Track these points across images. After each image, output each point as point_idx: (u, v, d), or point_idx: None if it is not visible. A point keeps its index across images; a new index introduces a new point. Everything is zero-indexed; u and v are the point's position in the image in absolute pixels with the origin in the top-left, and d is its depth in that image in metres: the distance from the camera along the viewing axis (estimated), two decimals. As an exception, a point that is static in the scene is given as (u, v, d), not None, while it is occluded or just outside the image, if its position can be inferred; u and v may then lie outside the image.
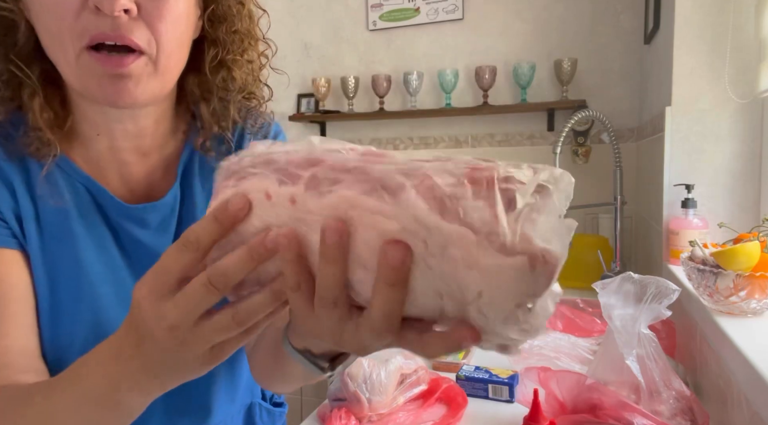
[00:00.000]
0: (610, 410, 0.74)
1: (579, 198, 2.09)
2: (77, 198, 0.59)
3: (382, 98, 2.34)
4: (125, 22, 0.52)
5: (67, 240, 0.58)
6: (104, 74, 0.53)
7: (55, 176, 0.59)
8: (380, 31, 2.42)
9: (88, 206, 0.60)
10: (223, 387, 0.69)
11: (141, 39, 0.53)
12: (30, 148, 0.57)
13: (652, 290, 0.80)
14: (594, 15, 2.14)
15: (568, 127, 1.61)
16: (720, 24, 1.29)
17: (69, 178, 0.59)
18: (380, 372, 0.84)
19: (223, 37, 0.63)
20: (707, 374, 0.94)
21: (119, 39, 0.52)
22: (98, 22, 0.51)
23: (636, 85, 2.10)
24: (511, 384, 0.92)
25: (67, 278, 0.58)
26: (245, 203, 0.35)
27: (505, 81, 2.25)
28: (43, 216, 0.58)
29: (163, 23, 0.54)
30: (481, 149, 2.33)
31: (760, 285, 0.81)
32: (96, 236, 0.60)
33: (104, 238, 0.60)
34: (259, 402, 0.76)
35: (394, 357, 0.89)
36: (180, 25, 0.56)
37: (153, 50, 0.54)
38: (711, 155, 1.33)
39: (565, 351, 1.04)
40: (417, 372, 0.96)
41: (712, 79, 1.31)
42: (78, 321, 0.58)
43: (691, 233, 1.25)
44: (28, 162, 0.58)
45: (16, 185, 0.57)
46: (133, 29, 0.52)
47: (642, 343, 0.81)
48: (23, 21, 0.54)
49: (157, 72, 0.55)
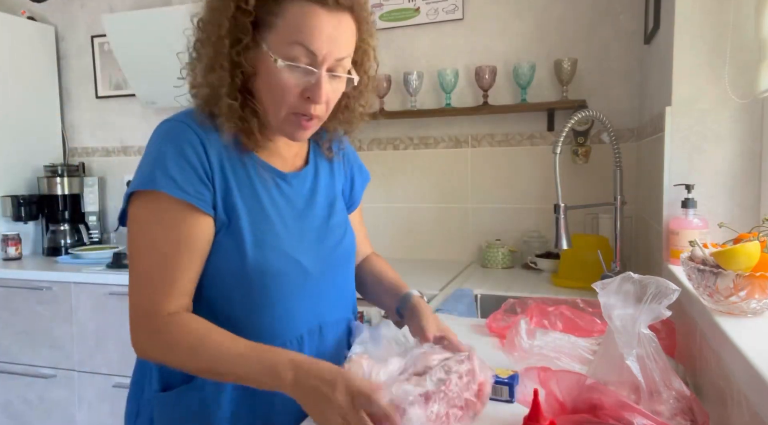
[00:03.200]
0: (610, 410, 0.74)
1: (579, 198, 2.10)
2: (257, 170, 0.93)
3: (383, 98, 2.34)
4: (318, 106, 0.88)
5: (255, 197, 0.92)
6: (298, 126, 0.90)
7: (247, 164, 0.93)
8: (380, 31, 2.41)
9: (262, 173, 0.94)
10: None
11: (321, 112, 0.90)
12: (251, 145, 0.92)
13: (652, 290, 0.80)
14: (594, 15, 2.14)
15: (568, 127, 1.61)
16: (720, 24, 1.29)
17: (254, 163, 0.94)
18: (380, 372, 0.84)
19: (351, 93, 0.97)
20: (707, 374, 0.94)
21: (312, 117, 0.89)
22: (306, 107, 0.88)
23: (636, 85, 2.10)
24: (511, 384, 0.92)
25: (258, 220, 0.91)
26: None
27: (505, 81, 2.25)
28: (241, 186, 0.91)
29: (333, 103, 0.91)
30: (481, 148, 2.33)
31: (760, 285, 0.80)
32: (265, 185, 0.94)
33: (269, 186, 0.94)
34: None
35: (394, 357, 0.89)
36: (338, 98, 0.93)
37: (323, 114, 0.91)
38: (711, 155, 1.33)
39: (565, 351, 1.04)
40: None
41: (712, 79, 1.31)
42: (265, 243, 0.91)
43: (691, 233, 1.25)
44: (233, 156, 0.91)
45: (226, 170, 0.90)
46: (320, 109, 0.89)
47: (642, 343, 0.81)
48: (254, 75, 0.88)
49: (320, 122, 0.93)
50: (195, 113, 0.90)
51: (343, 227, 1.05)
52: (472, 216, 2.37)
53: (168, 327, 0.83)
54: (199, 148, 0.87)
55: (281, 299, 0.91)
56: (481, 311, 1.80)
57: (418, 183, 2.44)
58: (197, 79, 0.90)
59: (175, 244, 0.84)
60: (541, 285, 1.90)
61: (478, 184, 2.35)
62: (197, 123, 0.88)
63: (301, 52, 0.84)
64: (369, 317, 1.81)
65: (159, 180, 0.83)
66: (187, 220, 0.85)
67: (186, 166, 0.85)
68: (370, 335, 0.92)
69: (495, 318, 1.32)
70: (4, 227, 2.69)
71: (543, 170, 2.24)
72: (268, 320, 0.91)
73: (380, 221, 2.51)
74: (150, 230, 0.85)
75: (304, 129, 0.91)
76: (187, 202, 0.84)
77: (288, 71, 0.85)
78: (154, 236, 0.85)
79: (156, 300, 0.83)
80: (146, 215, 0.85)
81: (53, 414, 2.41)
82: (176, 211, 0.84)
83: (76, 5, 2.96)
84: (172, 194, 0.83)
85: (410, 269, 2.21)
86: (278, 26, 0.84)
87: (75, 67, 3.01)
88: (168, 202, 0.84)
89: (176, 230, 0.84)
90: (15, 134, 2.75)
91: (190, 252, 0.85)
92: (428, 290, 1.82)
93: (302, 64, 0.85)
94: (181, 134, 0.87)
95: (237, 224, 0.88)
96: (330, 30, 0.84)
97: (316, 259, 0.95)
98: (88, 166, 3.02)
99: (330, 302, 1.00)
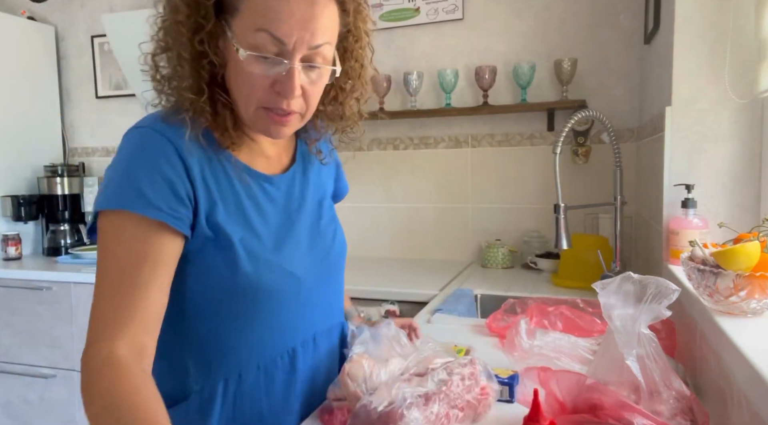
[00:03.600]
0: (610, 410, 0.74)
1: (579, 198, 2.10)
2: (240, 176, 0.85)
3: (382, 98, 2.34)
4: (293, 101, 0.78)
5: (241, 207, 0.83)
6: (271, 122, 0.80)
7: (230, 170, 0.84)
8: (380, 31, 2.42)
9: (245, 179, 0.86)
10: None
11: (299, 108, 0.80)
12: (227, 143, 0.83)
13: (652, 290, 0.80)
14: (594, 15, 2.14)
15: (568, 127, 1.61)
16: (720, 24, 1.29)
17: (237, 169, 0.85)
18: (380, 372, 0.84)
19: (340, 85, 0.89)
20: (707, 374, 0.94)
21: (288, 113, 0.79)
22: (278, 101, 0.78)
23: (636, 85, 2.10)
24: (511, 383, 0.92)
25: (246, 233, 0.82)
26: None
27: (505, 81, 2.25)
28: (226, 197, 0.82)
29: (313, 97, 0.81)
30: (481, 148, 2.33)
31: (760, 285, 0.81)
32: (249, 193, 0.85)
33: (254, 194, 0.86)
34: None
35: (394, 357, 0.89)
36: (321, 91, 0.83)
37: (303, 111, 0.82)
38: (711, 155, 1.33)
39: (565, 351, 1.04)
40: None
41: (712, 79, 1.31)
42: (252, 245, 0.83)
43: (691, 233, 1.25)
44: (213, 161, 0.82)
45: (209, 181, 0.80)
46: (296, 104, 0.79)
47: (642, 343, 0.81)
48: (223, 65, 0.79)
49: (302, 120, 0.84)
50: (163, 113, 0.80)
51: (333, 227, 0.99)
52: (472, 216, 2.37)
53: (101, 368, 0.66)
54: (174, 159, 0.77)
55: (273, 312, 0.85)
56: (481, 311, 1.80)
57: (418, 183, 2.44)
58: (160, 71, 0.81)
59: (139, 265, 0.72)
60: (541, 285, 1.90)
61: (478, 184, 2.35)
62: (169, 126, 0.78)
63: (266, 39, 0.74)
64: (369, 317, 1.81)
65: (128, 198, 0.73)
66: (155, 241, 0.74)
67: (160, 180, 0.75)
68: (371, 335, 0.92)
69: (495, 318, 1.32)
70: (4, 227, 2.69)
71: (543, 170, 2.24)
72: (259, 335, 0.85)
73: (380, 221, 2.51)
74: (114, 252, 0.73)
75: (281, 125, 0.81)
76: (159, 221, 0.74)
77: (253, 62, 0.75)
78: (118, 258, 0.73)
79: (104, 331, 0.69)
80: (112, 235, 0.74)
81: (53, 414, 2.41)
82: (146, 231, 0.74)
83: (76, 5, 2.96)
84: (143, 213, 0.73)
85: (410, 269, 2.21)
86: (241, 11, 0.74)
87: (75, 67, 3.01)
88: (137, 221, 0.73)
89: (143, 252, 0.73)
90: (15, 133, 2.75)
91: (157, 277, 0.74)
92: (428, 290, 1.82)
93: (269, 53, 0.75)
94: (153, 145, 0.77)
95: (225, 239, 0.80)
96: (301, 13, 0.73)
97: (308, 268, 0.90)
98: (88, 166, 3.02)
99: (324, 310, 0.96)
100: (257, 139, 0.89)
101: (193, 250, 0.80)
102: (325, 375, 0.95)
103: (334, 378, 0.97)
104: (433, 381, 0.80)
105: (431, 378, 0.80)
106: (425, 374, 0.83)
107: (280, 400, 0.88)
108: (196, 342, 0.84)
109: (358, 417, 0.76)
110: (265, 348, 0.86)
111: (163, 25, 0.79)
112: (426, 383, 0.79)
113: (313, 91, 0.81)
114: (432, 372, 0.83)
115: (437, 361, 0.86)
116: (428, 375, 0.82)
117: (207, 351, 0.84)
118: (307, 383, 0.92)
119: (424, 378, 0.81)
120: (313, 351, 0.93)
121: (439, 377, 0.81)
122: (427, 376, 0.81)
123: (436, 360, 0.87)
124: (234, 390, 0.85)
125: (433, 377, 0.81)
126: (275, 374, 0.87)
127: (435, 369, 0.83)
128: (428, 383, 0.79)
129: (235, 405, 0.84)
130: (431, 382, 0.79)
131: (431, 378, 0.80)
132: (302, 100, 0.80)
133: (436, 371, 0.82)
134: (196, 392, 0.84)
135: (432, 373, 0.82)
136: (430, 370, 0.84)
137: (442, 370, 0.82)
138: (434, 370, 0.83)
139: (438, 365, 0.85)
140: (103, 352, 0.67)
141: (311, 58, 0.77)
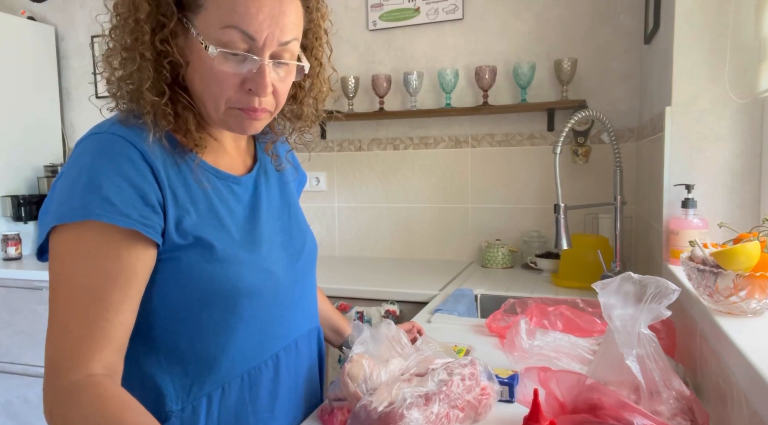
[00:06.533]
0: (610, 410, 0.74)
1: (579, 198, 2.10)
2: (208, 178, 0.82)
3: (382, 98, 2.34)
4: (265, 99, 0.77)
5: (212, 209, 0.80)
6: (243, 119, 0.79)
7: (194, 169, 0.81)
8: (380, 31, 2.42)
9: (214, 181, 0.83)
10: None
11: (269, 105, 0.79)
12: (191, 145, 0.80)
13: (652, 290, 0.80)
14: (594, 15, 2.14)
15: (568, 127, 1.61)
16: (720, 24, 1.29)
17: (202, 169, 0.82)
18: (380, 372, 0.84)
19: (299, 84, 0.89)
20: (707, 374, 0.94)
21: (259, 110, 0.78)
22: (249, 100, 0.76)
23: (636, 85, 2.10)
24: (511, 383, 0.92)
25: (220, 235, 0.79)
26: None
27: (505, 81, 2.25)
28: (196, 200, 0.79)
29: (282, 94, 0.80)
30: (481, 148, 2.33)
31: (760, 285, 0.81)
32: (220, 196, 0.83)
33: (224, 196, 0.83)
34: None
35: (394, 357, 0.89)
36: (289, 89, 0.82)
37: (273, 108, 0.81)
38: (711, 155, 1.33)
39: (565, 351, 1.04)
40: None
41: (712, 79, 1.31)
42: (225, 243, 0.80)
43: (691, 233, 1.25)
44: (179, 163, 0.78)
45: (176, 186, 0.77)
46: (267, 102, 0.78)
47: (642, 343, 0.81)
48: (184, 65, 0.75)
49: (272, 115, 0.83)
50: (121, 117, 0.76)
51: (303, 227, 0.97)
52: (472, 216, 2.37)
53: (80, 393, 0.63)
54: (140, 164, 0.72)
55: (254, 316, 0.82)
56: (481, 311, 1.80)
57: (418, 183, 2.44)
58: (116, 73, 0.76)
59: (111, 282, 0.68)
60: (541, 285, 1.90)
61: (478, 184, 2.35)
62: (129, 129, 0.74)
63: (236, 36, 0.72)
64: (369, 317, 1.81)
65: (93, 208, 0.67)
66: (127, 255, 0.69)
67: (125, 186, 0.70)
68: (371, 335, 0.92)
69: (495, 318, 1.32)
70: (4, 227, 2.69)
71: (543, 170, 2.24)
72: (241, 343, 0.81)
73: (380, 221, 2.51)
74: (79, 271, 0.67)
75: (253, 120, 0.79)
76: (130, 229, 0.69)
77: (223, 60, 0.73)
78: (84, 277, 0.67)
79: (78, 355, 0.65)
80: (74, 252, 0.68)
81: (53, 414, 2.41)
82: (115, 244, 0.69)
83: (76, 5, 2.96)
84: (112, 221, 0.68)
85: (410, 269, 2.21)
86: (207, 7, 0.72)
87: (75, 67, 3.01)
88: (104, 232, 0.68)
89: (114, 269, 0.68)
90: (15, 133, 2.75)
91: (127, 291, 0.69)
92: (428, 290, 1.82)
93: (240, 50, 0.73)
94: (116, 149, 0.72)
95: (199, 243, 0.76)
96: (270, 8, 0.72)
97: (285, 267, 0.87)
98: (88, 166, 3.02)
99: (302, 313, 0.94)
100: (220, 138, 0.86)
101: (164, 259, 0.75)
102: (306, 380, 0.94)
103: (315, 382, 0.98)
104: (433, 381, 0.80)
105: (431, 378, 0.80)
106: (425, 374, 0.83)
107: (265, 409, 0.86)
108: (175, 359, 0.78)
109: (358, 417, 0.76)
110: (249, 357, 0.83)
111: (120, 23, 0.75)
112: (426, 383, 0.79)
113: (283, 89, 0.80)
114: (432, 372, 0.83)
115: (437, 361, 0.86)
116: (428, 375, 0.82)
117: (187, 367, 0.79)
118: (291, 389, 0.91)
119: (424, 379, 0.81)
120: (295, 356, 0.91)
121: (440, 377, 0.81)
122: (427, 376, 0.81)
123: (437, 360, 0.86)
124: (218, 405, 0.81)
125: (434, 377, 0.81)
126: (260, 383, 0.85)
127: (435, 369, 0.83)
128: (428, 383, 0.79)
129: (219, 422, 0.81)
130: (431, 382, 0.79)
131: (431, 379, 0.80)
132: (272, 97, 0.79)
133: (437, 371, 0.82)
134: (175, 413, 0.78)
135: (432, 373, 0.82)
136: (431, 370, 0.84)
137: (442, 370, 0.82)
138: (434, 370, 0.83)
139: (438, 365, 0.85)
140: (79, 377, 0.64)
141: (280, 55, 0.76)
